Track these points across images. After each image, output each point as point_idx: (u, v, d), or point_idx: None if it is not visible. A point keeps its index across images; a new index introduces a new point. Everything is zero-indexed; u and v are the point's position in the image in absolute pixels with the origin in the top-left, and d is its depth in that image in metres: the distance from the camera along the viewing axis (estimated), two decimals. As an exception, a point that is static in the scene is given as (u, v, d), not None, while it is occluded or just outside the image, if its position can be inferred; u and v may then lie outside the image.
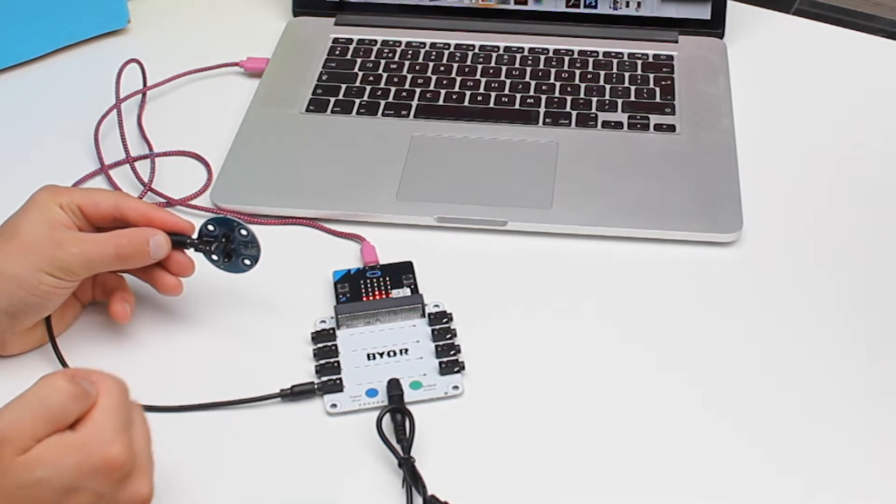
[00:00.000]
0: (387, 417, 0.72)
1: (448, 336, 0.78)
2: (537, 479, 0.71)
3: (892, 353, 0.79)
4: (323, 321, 0.80)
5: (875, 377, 0.77)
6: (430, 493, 0.69)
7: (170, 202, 0.90)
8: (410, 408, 0.73)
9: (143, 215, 0.76)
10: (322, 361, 0.77)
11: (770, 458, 0.72)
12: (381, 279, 0.82)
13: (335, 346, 0.78)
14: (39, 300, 0.74)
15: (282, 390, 0.75)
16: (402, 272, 0.83)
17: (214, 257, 0.79)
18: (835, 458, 0.72)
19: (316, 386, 0.76)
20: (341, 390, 0.75)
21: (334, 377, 0.76)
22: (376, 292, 0.81)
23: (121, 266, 0.76)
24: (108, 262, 0.75)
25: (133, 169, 0.92)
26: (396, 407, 0.73)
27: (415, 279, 0.82)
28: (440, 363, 0.77)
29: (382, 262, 0.84)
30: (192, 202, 0.90)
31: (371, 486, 0.70)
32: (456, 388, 0.76)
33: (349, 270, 0.83)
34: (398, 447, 0.71)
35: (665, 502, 0.70)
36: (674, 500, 0.70)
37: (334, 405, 0.75)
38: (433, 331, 0.79)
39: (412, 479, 0.69)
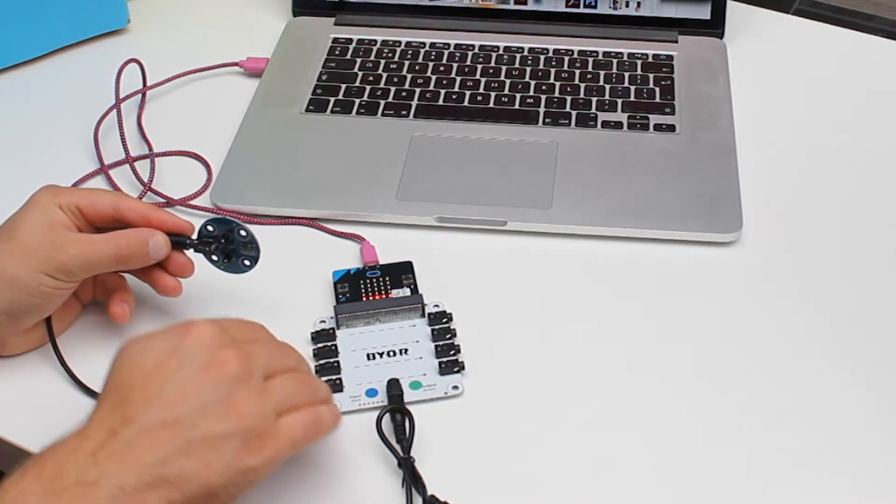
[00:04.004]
0: (386, 417, 0.72)
1: (448, 336, 0.78)
2: (537, 479, 0.71)
3: (892, 352, 0.79)
4: (323, 321, 0.80)
5: (875, 376, 0.77)
6: (429, 493, 0.69)
7: (169, 202, 0.90)
8: (410, 408, 0.73)
9: (141, 216, 0.76)
10: (322, 361, 0.77)
11: (770, 457, 0.72)
12: (380, 279, 0.82)
13: (335, 346, 0.78)
14: (39, 301, 0.74)
15: None
16: (402, 272, 0.83)
17: (214, 258, 0.79)
18: (835, 457, 0.72)
19: (316, 386, 0.76)
20: (341, 390, 0.75)
21: (334, 377, 0.76)
22: (376, 292, 0.81)
23: (120, 267, 0.76)
24: (107, 263, 0.75)
25: (133, 169, 0.92)
26: (396, 407, 0.73)
27: (415, 279, 0.82)
28: (440, 363, 0.77)
29: (382, 262, 0.84)
30: (192, 202, 0.90)
31: (371, 486, 0.70)
32: (456, 388, 0.76)
33: (349, 270, 0.83)
34: (398, 447, 0.71)
35: (664, 502, 0.70)
36: (672, 500, 0.70)
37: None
38: (433, 331, 0.79)
39: (412, 479, 0.69)
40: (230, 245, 0.78)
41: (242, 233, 0.77)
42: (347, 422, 0.74)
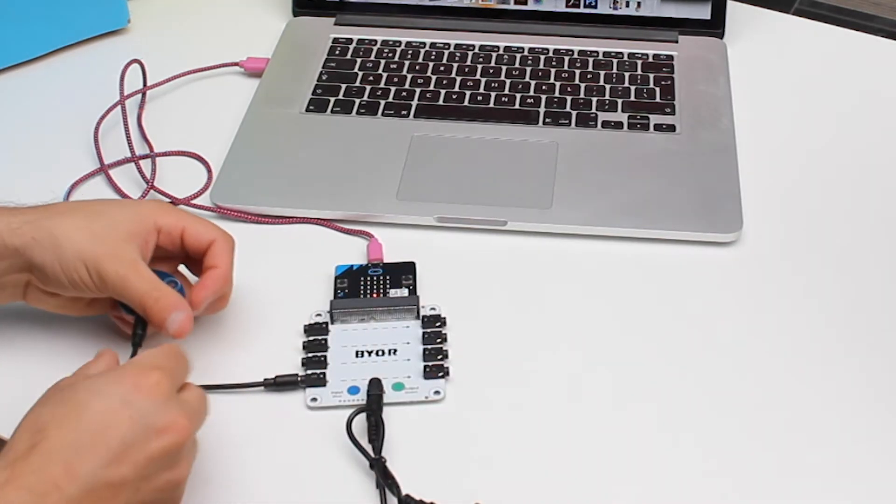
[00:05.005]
0: (361, 418, 0.72)
1: (438, 340, 0.78)
2: (512, 489, 0.71)
3: (892, 352, 0.79)
4: (318, 314, 0.80)
5: (875, 376, 0.77)
6: (404, 492, 0.68)
7: (174, 201, 0.90)
8: (391, 409, 0.74)
9: (222, 275, 0.75)
10: (310, 354, 0.77)
11: (770, 457, 0.72)
12: (381, 277, 0.82)
13: (325, 340, 0.78)
14: (63, 279, 0.72)
15: (265, 379, 0.76)
16: (402, 272, 0.82)
17: None
18: (835, 456, 0.72)
19: (299, 378, 0.76)
20: (324, 385, 0.75)
21: (319, 371, 0.76)
22: (375, 290, 0.81)
23: (141, 313, 0.73)
24: (132, 301, 0.73)
25: (138, 167, 0.92)
26: (363, 408, 0.72)
27: (414, 280, 0.82)
28: (425, 367, 0.76)
29: (385, 261, 0.84)
30: (194, 202, 0.90)
31: (347, 484, 0.70)
32: (437, 392, 0.75)
33: (351, 266, 0.83)
34: (369, 448, 0.71)
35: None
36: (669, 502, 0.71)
37: (315, 399, 0.75)
38: (424, 334, 0.78)
39: (384, 479, 0.69)
40: None
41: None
42: (327, 418, 0.74)
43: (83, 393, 0.62)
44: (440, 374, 0.76)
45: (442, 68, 1.01)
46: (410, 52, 1.03)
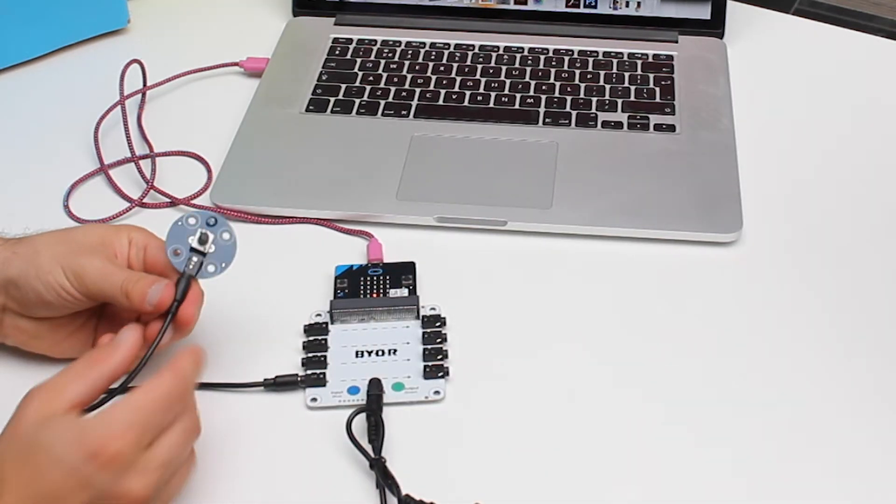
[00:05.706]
0: (361, 417, 0.72)
1: (438, 340, 0.78)
2: (512, 489, 0.71)
3: (892, 351, 0.79)
4: (318, 314, 0.80)
5: (876, 376, 0.77)
6: (404, 492, 0.68)
7: (173, 201, 0.90)
8: (391, 409, 0.74)
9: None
10: (310, 354, 0.77)
11: (770, 457, 0.72)
12: (381, 277, 0.82)
13: (325, 340, 0.78)
14: (42, 289, 0.72)
15: (265, 379, 0.76)
16: (402, 272, 0.82)
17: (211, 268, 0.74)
18: (837, 455, 0.72)
19: (299, 378, 0.76)
20: (324, 385, 0.75)
21: (318, 371, 0.76)
22: (374, 291, 0.81)
23: (125, 303, 0.72)
24: (114, 292, 0.72)
25: (138, 167, 0.92)
26: (362, 409, 0.72)
27: (414, 280, 0.82)
28: (425, 367, 0.76)
29: (384, 261, 0.84)
30: (193, 202, 0.90)
31: (347, 484, 0.70)
32: (437, 392, 0.75)
33: (351, 266, 0.83)
34: (369, 448, 0.71)
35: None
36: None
37: (314, 399, 0.75)
38: (424, 334, 0.78)
39: (384, 479, 0.69)
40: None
41: (226, 236, 0.74)
42: (326, 418, 0.74)
43: (43, 456, 0.62)
44: (440, 374, 0.76)
45: (442, 68, 1.01)
46: (410, 52, 1.03)
